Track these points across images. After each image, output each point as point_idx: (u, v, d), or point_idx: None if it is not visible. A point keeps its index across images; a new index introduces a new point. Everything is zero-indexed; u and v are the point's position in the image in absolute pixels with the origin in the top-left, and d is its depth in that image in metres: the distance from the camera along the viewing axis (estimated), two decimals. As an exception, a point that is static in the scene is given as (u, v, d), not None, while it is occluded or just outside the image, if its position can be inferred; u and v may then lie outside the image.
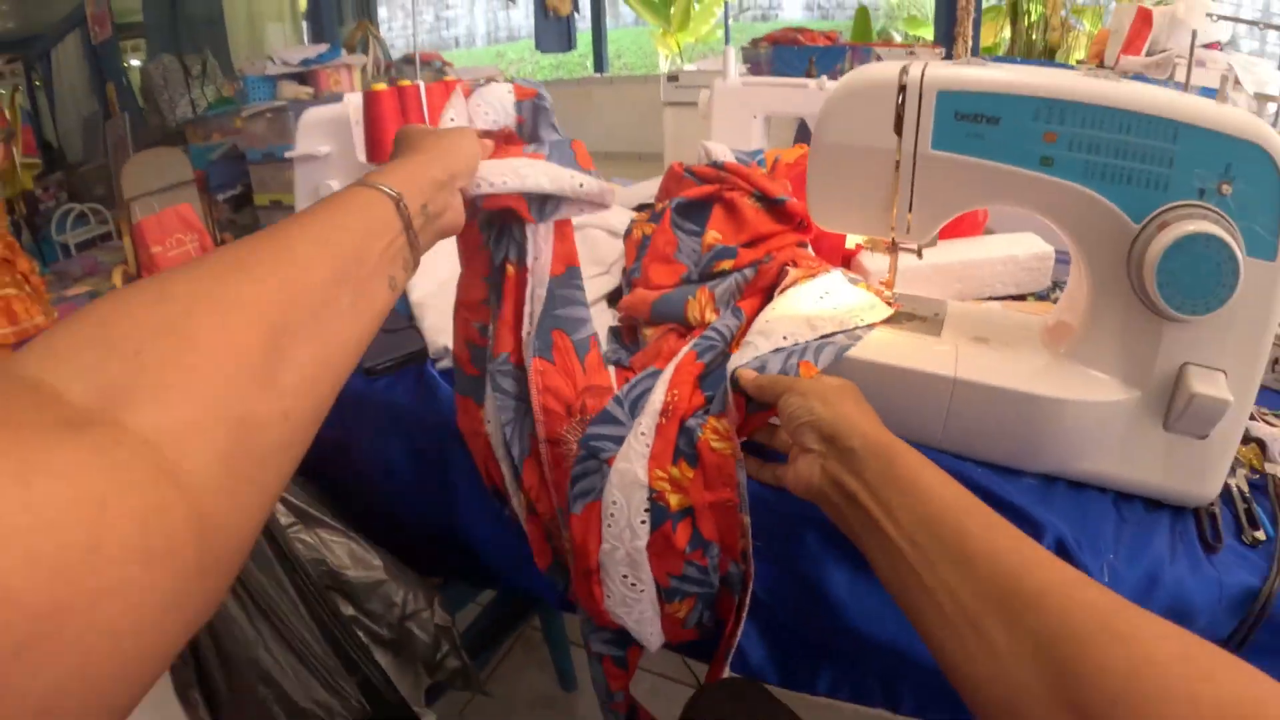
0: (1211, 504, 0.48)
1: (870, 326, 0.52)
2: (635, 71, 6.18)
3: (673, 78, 2.35)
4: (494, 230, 0.55)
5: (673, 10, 4.64)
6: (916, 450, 0.38)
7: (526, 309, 0.55)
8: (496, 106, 0.54)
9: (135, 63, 3.68)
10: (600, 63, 4.38)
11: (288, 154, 0.97)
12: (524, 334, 0.55)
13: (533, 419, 0.54)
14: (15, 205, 2.85)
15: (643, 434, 0.52)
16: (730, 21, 4.43)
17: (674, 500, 0.50)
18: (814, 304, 0.55)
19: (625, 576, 0.51)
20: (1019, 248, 0.73)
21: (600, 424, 0.54)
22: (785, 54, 2.06)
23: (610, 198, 0.55)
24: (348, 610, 0.67)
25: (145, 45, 3.67)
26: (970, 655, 0.30)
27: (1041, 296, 0.76)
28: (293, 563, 0.65)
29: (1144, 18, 1.41)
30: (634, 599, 0.52)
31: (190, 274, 0.27)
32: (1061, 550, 0.44)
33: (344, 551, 0.67)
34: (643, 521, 0.50)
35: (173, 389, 0.23)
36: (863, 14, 2.95)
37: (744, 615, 0.50)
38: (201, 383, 0.23)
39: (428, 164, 0.42)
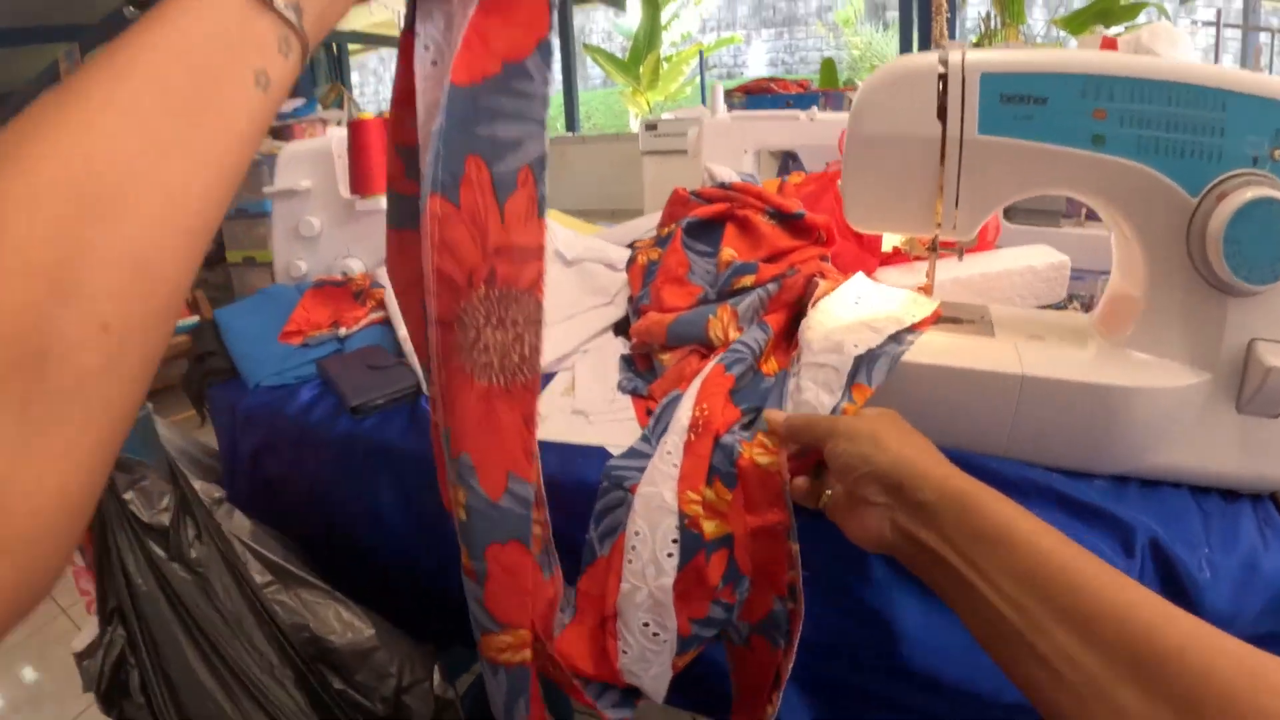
0: (1288, 490, 0.46)
1: (918, 330, 0.49)
2: (606, 131, 6.37)
3: (651, 126, 2.41)
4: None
5: (642, 69, 4.83)
6: (995, 490, 0.34)
7: (420, 127, 0.38)
8: None
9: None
10: (572, 122, 4.49)
11: (266, 189, 0.93)
12: (422, 165, 0.37)
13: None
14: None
15: (669, 453, 0.47)
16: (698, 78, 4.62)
17: (709, 527, 0.45)
18: (856, 309, 0.52)
19: (647, 625, 0.45)
20: (1036, 259, 0.72)
21: (625, 457, 0.50)
22: (760, 102, 2.12)
23: None
24: (336, 683, 0.59)
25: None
26: None
27: (1059, 308, 0.75)
28: (275, 628, 0.58)
29: (1109, 47, 1.48)
30: (654, 652, 0.45)
31: None
32: (1156, 549, 0.41)
33: (329, 614, 0.61)
34: (669, 555, 0.45)
35: None
36: (829, 65, 3.09)
37: (790, 666, 0.44)
38: None
39: None
